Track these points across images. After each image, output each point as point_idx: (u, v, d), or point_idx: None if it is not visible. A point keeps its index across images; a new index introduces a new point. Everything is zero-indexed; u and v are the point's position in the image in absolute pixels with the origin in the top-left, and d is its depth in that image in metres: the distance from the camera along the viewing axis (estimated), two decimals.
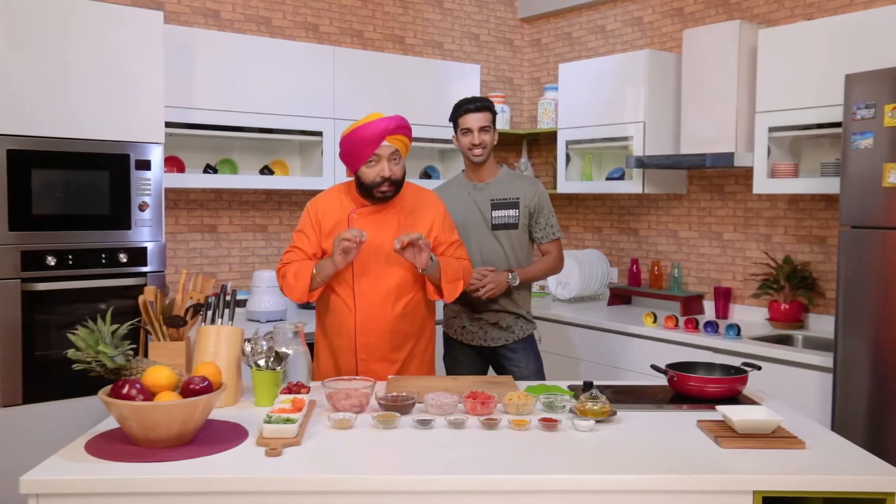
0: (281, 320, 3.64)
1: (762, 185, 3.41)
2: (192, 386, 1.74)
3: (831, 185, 3.14)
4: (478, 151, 2.91)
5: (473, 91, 4.36)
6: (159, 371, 1.74)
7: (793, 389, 3.00)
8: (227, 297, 2.25)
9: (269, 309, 3.65)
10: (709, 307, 3.96)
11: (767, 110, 3.35)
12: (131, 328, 1.93)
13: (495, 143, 2.97)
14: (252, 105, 3.61)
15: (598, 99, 4.09)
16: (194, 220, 3.84)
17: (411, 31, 4.53)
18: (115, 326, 1.81)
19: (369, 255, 2.47)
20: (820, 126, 3.18)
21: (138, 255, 3.06)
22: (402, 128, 2.45)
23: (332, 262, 2.38)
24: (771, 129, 3.35)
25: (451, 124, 2.97)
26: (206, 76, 3.47)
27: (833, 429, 2.82)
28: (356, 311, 2.49)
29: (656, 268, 4.17)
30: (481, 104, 2.92)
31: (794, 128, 3.28)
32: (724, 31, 3.55)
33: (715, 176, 3.99)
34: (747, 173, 3.72)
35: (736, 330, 3.31)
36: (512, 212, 2.95)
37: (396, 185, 2.47)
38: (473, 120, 2.89)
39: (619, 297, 4.31)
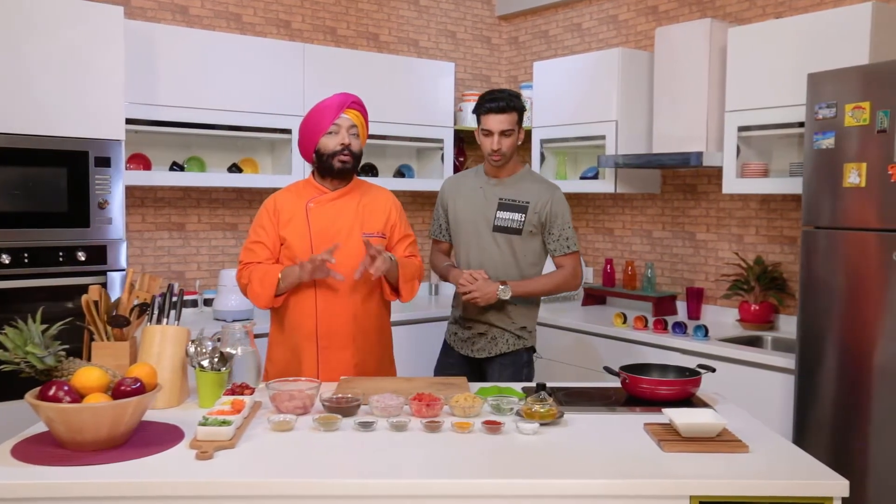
0: (248, 320, 3.61)
1: (731, 184, 3.38)
2: (122, 387, 1.71)
3: (799, 186, 3.11)
4: (496, 157, 2.70)
5: (447, 89, 4.34)
6: (89, 372, 1.71)
7: (758, 391, 2.98)
8: (174, 297, 2.22)
9: (236, 308, 3.61)
10: (682, 307, 3.93)
11: (737, 109, 3.33)
12: (79, 328, 1.90)
13: (520, 142, 2.76)
14: (220, 102, 3.58)
15: (571, 97, 4.06)
16: (161, 218, 3.80)
17: (386, 29, 4.49)
18: (45, 326, 1.78)
19: (329, 241, 2.46)
20: (789, 125, 3.16)
21: (97, 254, 3.02)
22: (358, 104, 2.53)
23: (299, 275, 2.38)
24: (740, 129, 3.32)
25: (474, 116, 2.75)
26: (171, 73, 3.43)
27: (795, 431, 2.80)
28: (317, 297, 2.47)
29: (630, 268, 4.14)
30: (506, 104, 2.64)
31: (763, 127, 3.26)
32: (695, 29, 3.52)
33: (688, 175, 3.96)
34: (720, 173, 3.69)
35: (704, 331, 3.28)
36: (517, 216, 2.74)
37: (356, 157, 2.50)
38: (495, 122, 2.65)
39: (594, 297, 4.28)
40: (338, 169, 2.48)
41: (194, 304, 3.77)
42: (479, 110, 2.72)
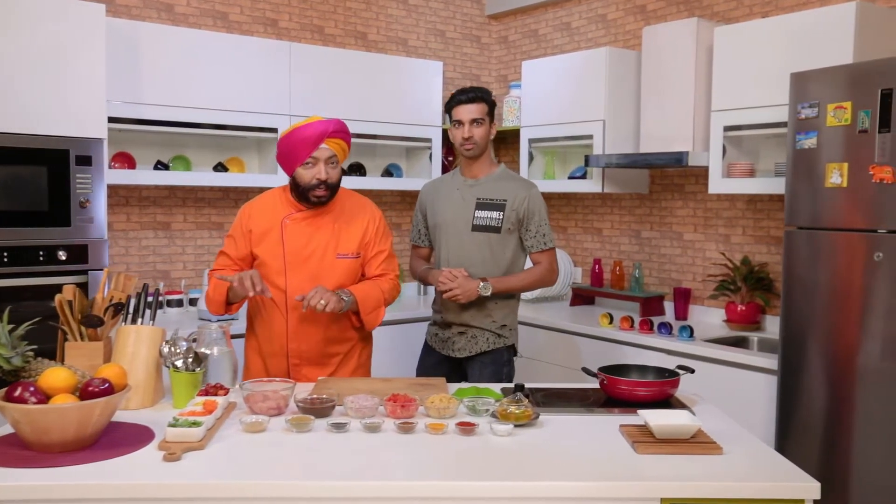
0: (234, 319, 3.59)
1: (717, 184, 3.37)
2: (90, 388, 1.69)
3: (784, 186, 3.10)
4: (468, 146, 2.76)
5: (436, 88, 4.32)
6: (56, 373, 1.69)
7: (742, 392, 2.97)
8: (150, 297, 2.20)
9: None
10: (669, 308, 3.92)
11: (723, 109, 3.31)
12: (56, 328, 1.88)
13: (492, 136, 2.82)
14: (205, 101, 3.56)
15: (559, 97, 4.05)
16: (146, 217, 3.79)
17: (374, 28, 4.48)
18: (12, 326, 1.76)
19: (303, 261, 2.45)
20: (775, 125, 3.14)
21: (79, 253, 3.00)
22: (340, 132, 2.42)
23: (235, 290, 2.35)
24: (726, 129, 3.31)
25: (447, 116, 2.83)
26: (155, 71, 3.41)
27: (777, 432, 2.79)
28: (288, 317, 2.46)
29: (618, 268, 4.13)
30: (475, 94, 2.76)
31: (749, 127, 3.24)
32: (682, 28, 3.51)
33: (676, 175, 3.95)
34: (707, 173, 3.67)
35: (689, 332, 3.27)
36: (495, 214, 2.77)
37: (332, 189, 2.43)
38: (465, 112, 2.74)
39: (582, 297, 4.27)
40: (313, 202, 2.42)
41: (179, 303, 3.75)
42: (450, 104, 2.80)
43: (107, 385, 1.71)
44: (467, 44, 4.86)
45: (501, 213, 2.77)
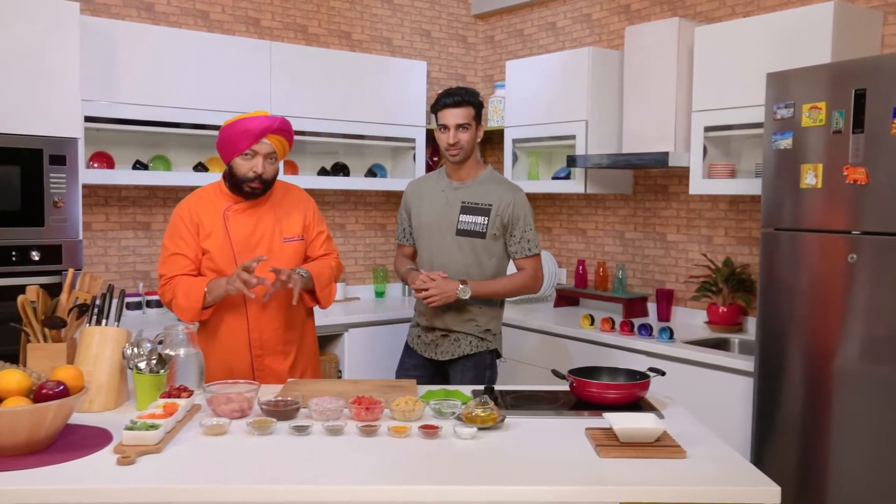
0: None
1: (698, 185, 3.35)
2: (44, 391, 1.67)
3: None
4: (454, 152, 2.70)
5: (419, 88, 4.30)
6: (8, 375, 1.67)
7: (720, 394, 2.94)
8: (115, 298, 2.18)
9: None
10: (652, 309, 3.90)
11: (703, 109, 3.29)
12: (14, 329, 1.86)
13: (479, 139, 2.76)
14: (185, 101, 3.54)
15: (543, 97, 4.03)
16: (126, 217, 3.76)
17: (359, 27, 4.45)
18: None
19: (251, 249, 2.47)
20: (755, 125, 3.12)
21: (53, 253, 2.98)
22: (284, 130, 2.45)
23: (226, 289, 2.35)
24: (707, 129, 3.29)
25: (433, 117, 2.77)
26: (133, 70, 3.39)
27: (754, 435, 2.77)
28: (248, 309, 2.48)
29: (602, 269, 4.11)
30: (461, 98, 2.66)
31: (729, 127, 3.22)
32: (663, 28, 3.49)
33: (659, 176, 3.93)
34: (689, 173, 3.66)
35: (669, 333, 3.25)
36: (480, 219, 2.71)
37: (266, 184, 2.46)
38: (451, 116, 2.66)
39: (566, 298, 4.24)
40: (246, 192, 2.45)
41: (159, 304, 3.72)
42: (436, 107, 2.73)
43: (61, 387, 1.69)
44: (453, 43, 4.84)
45: (486, 218, 2.72)
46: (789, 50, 2.92)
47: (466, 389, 2.31)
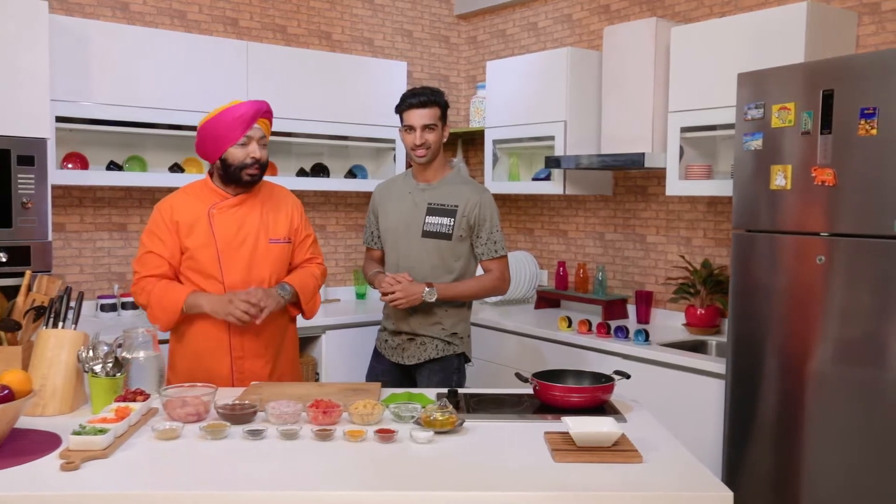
0: None
1: (674, 186, 3.33)
2: None
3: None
4: (420, 152, 2.67)
5: (400, 89, 4.26)
6: None
7: (695, 397, 2.92)
8: (73, 301, 2.15)
9: None
10: (632, 311, 3.87)
11: (679, 110, 3.27)
12: None
13: (445, 139, 2.73)
14: (160, 101, 3.51)
15: (522, 97, 4.00)
16: (101, 218, 3.73)
17: (339, 27, 4.43)
18: None
19: (236, 248, 2.42)
20: (731, 126, 3.09)
21: (21, 255, 2.95)
22: (269, 113, 2.44)
23: (211, 310, 2.33)
24: (683, 130, 3.27)
25: (398, 117, 2.74)
26: (107, 70, 3.36)
27: (727, 438, 2.74)
28: None
29: (582, 271, 4.08)
30: (427, 98, 2.64)
31: (705, 128, 3.20)
32: (641, 28, 3.47)
33: (638, 177, 3.91)
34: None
35: (644, 336, 3.22)
36: (446, 220, 2.69)
37: (263, 168, 2.43)
38: (416, 117, 2.63)
39: (547, 300, 4.22)
40: (246, 181, 2.41)
41: (134, 306, 3.70)
42: (401, 107, 2.69)
43: (6, 392, 1.66)
44: (435, 44, 4.82)
45: (452, 219, 2.70)
46: (763, 50, 2.90)
47: (431, 392, 2.29)
